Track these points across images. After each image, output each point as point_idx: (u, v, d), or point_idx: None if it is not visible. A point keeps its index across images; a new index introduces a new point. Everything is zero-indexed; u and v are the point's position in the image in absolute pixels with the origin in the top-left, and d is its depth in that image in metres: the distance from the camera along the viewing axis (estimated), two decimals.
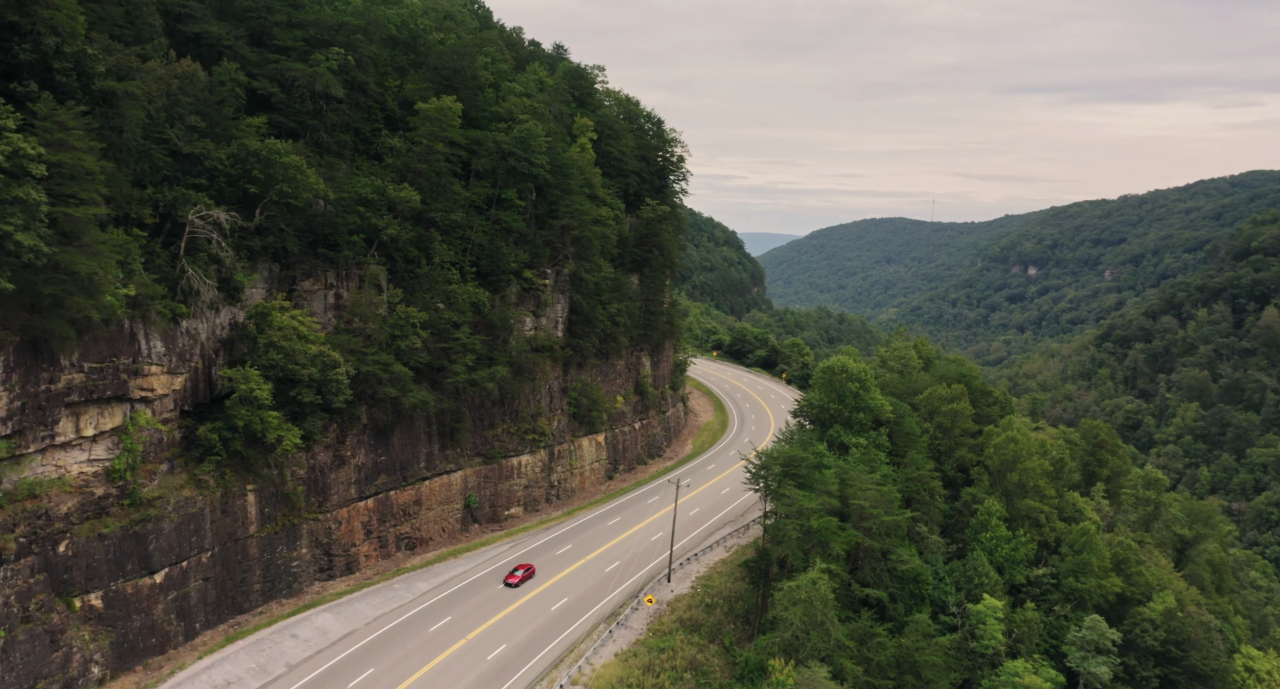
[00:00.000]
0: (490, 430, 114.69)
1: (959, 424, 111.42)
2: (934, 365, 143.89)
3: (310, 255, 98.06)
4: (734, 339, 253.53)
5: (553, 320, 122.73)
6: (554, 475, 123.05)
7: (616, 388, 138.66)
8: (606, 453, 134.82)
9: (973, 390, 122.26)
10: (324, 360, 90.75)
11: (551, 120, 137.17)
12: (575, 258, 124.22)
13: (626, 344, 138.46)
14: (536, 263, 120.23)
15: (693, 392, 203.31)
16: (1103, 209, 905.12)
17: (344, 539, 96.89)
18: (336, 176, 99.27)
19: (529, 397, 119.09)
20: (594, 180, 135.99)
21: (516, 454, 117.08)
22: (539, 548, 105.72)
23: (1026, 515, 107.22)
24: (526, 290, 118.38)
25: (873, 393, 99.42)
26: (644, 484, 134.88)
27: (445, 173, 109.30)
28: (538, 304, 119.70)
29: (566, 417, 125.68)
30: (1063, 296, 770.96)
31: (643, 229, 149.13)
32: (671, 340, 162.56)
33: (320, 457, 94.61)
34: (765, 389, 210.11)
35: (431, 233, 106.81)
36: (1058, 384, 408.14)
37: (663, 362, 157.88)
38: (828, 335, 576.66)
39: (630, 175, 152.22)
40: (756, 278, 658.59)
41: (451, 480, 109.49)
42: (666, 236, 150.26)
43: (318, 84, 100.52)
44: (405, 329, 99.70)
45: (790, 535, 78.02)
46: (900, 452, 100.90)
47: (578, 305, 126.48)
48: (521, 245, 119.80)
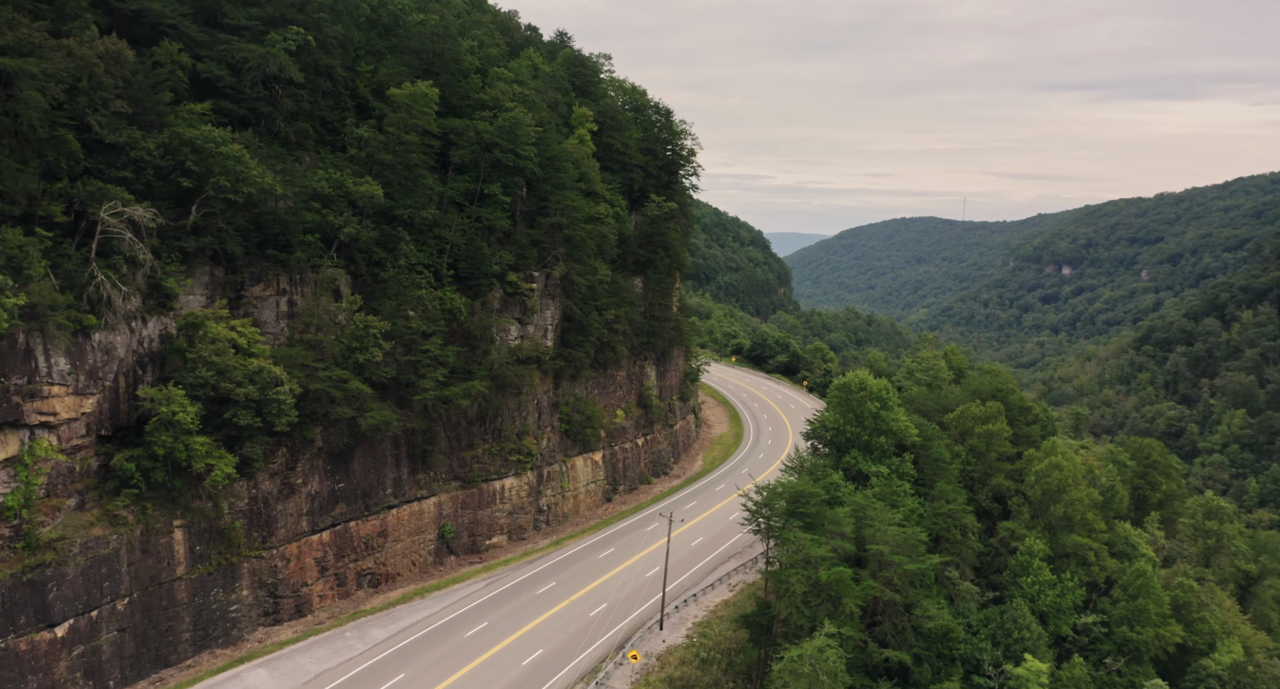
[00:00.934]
0: (469, 451, 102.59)
1: (995, 447, 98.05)
2: (966, 377, 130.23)
3: (259, 258, 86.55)
4: (754, 343, 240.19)
5: (541, 328, 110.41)
6: (543, 500, 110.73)
7: (616, 401, 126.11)
8: (604, 473, 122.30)
9: (1009, 406, 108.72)
10: (264, 377, 79.04)
11: (545, 109, 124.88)
12: (566, 259, 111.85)
13: (627, 353, 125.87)
14: (523, 265, 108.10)
15: (707, 401, 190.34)
16: (1139, 207, 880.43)
17: (293, 578, 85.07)
18: (287, 168, 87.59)
19: (513, 413, 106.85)
20: (592, 174, 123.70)
21: (499, 477, 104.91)
22: (518, 586, 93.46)
23: (1073, 553, 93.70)
24: (511, 296, 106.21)
25: (895, 413, 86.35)
26: (645, 507, 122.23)
27: (417, 165, 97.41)
28: (523, 311, 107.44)
29: (557, 434, 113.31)
30: (1098, 297, 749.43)
31: (647, 228, 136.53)
32: (680, 348, 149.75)
33: (265, 485, 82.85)
34: (785, 398, 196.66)
35: (399, 232, 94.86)
36: (1095, 389, 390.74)
37: (670, 371, 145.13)
38: (856, 337, 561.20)
39: (634, 170, 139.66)
40: (783, 278, 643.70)
41: (423, 508, 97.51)
42: (673, 235, 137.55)
43: (270, 66, 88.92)
44: (365, 340, 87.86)
45: (794, 589, 65.14)
46: (927, 481, 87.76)
47: (570, 312, 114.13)
48: (506, 246, 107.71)
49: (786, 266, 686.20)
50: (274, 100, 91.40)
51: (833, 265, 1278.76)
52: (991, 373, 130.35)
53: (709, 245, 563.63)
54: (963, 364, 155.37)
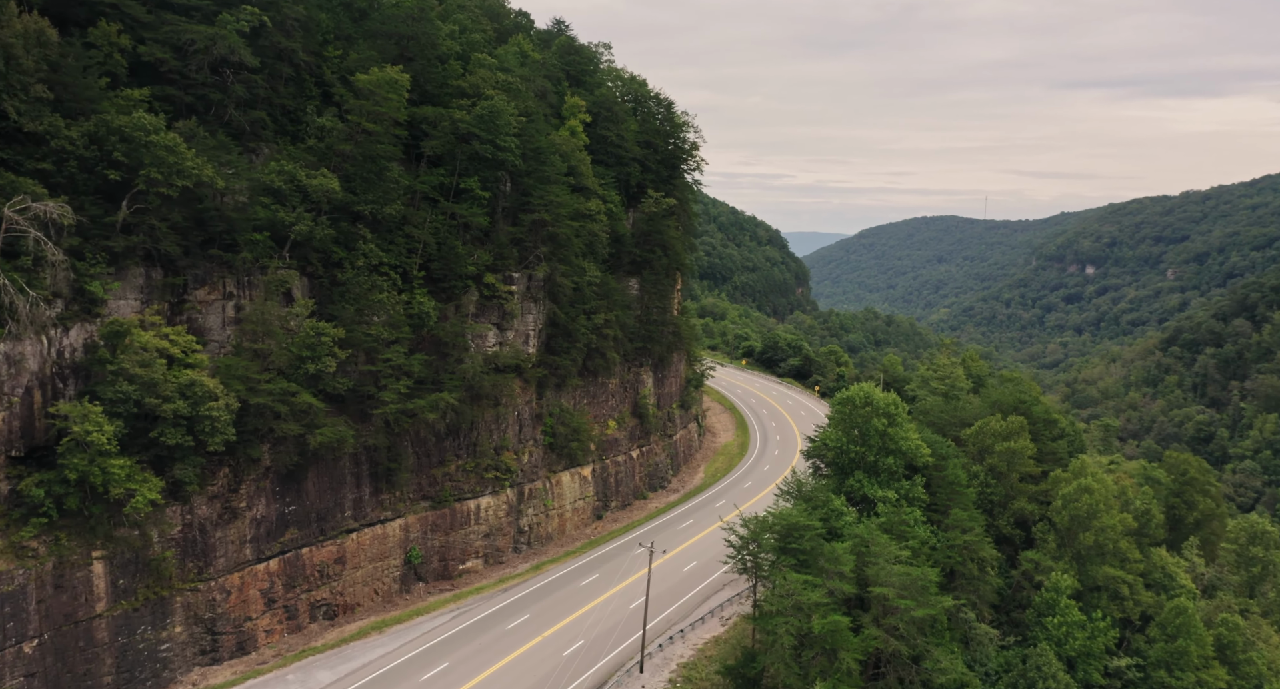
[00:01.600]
0: (440, 468, 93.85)
1: (1017, 467, 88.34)
2: (986, 387, 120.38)
3: (202, 258, 78.17)
4: (765, 346, 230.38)
5: (522, 334, 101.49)
6: (524, 520, 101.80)
7: (607, 411, 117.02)
8: (594, 489, 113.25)
9: (1034, 420, 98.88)
10: (196, 392, 70.53)
11: (532, 98, 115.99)
12: (550, 259, 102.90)
13: (619, 360, 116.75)
14: (502, 266, 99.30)
15: (712, 407, 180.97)
16: (1164, 205, 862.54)
17: (234, 612, 76.54)
18: (234, 160, 79.08)
19: (491, 426, 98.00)
20: (583, 168, 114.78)
21: (474, 496, 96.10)
22: (488, 618, 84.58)
23: (1104, 586, 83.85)
24: (488, 299, 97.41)
25: (905, 431, 76.88)
26: (638, 526, 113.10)
27: (381, 157, 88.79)
28: (502, 315, 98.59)
29: (541, 448, 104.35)
30: (1123, 296, 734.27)
31: (643, 225, 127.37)
32: (681, 353, 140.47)
33: (201, 510, 74.35)
34: (795, 404, 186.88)
35: (360, 229, 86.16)
36: (1120, 392, 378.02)
37: (670, 378, 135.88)
38: (874, 338, 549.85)
39: (631, 164, 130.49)
40: (801, 278, 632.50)
41: (387, 531, 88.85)
42: (672, 233, 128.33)
43: (219, 48, 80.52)
44: (318, 349, 79.19)
45: (782, 642, 55.85)
46: (941, 507, 78.28)
47: (555, 316, 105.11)
48: (484, 245, 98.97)
49: (804, 266, 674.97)
50: (224, 86, 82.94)
51: (853, 264, 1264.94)
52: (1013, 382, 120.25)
53: (725, 245, 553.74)
54: (982, 372, 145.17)
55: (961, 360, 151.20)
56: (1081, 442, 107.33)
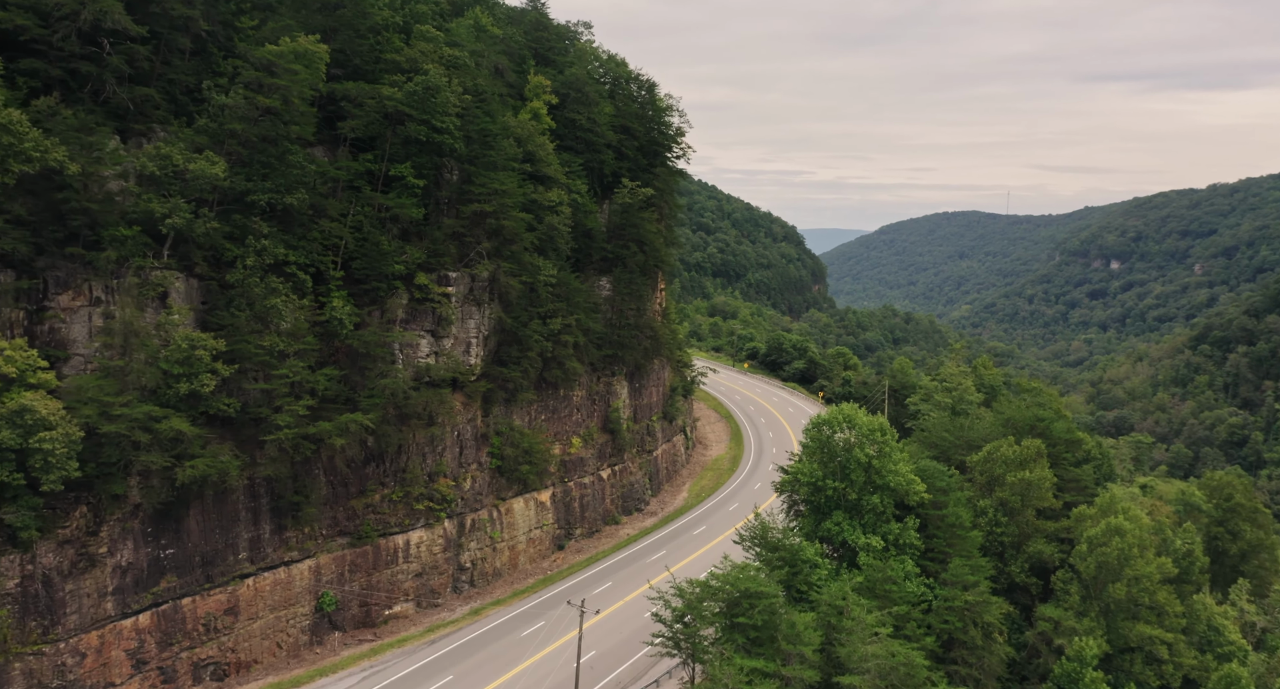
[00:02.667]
0: (360, 499, 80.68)
1: (1033, 500, 74.01)
2: (1000, 399, 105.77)
3: (61, 258, 65.44)
4: (769, 348, 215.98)
5: (463, 342, 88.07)
6: (465, 555, 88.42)
7: (571, 427, 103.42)
8: (554, 515, 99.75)
9: (1054, 440, 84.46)
10: (26, 419, 57.64)
11: (486, 76, 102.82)
12: (495, 256, 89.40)
13: (584, 369, 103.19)
14: (438, 264, 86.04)
15: (706, 416, 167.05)
16: (1190, 198, 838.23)
17: (91, 678, 63.68)
18: (97, 142, 66.22)
19: (423, 449, 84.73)
20: (543, 154, 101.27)
21: (403, 530, 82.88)
22: (404, 680, 71.18)
23: (1138, 647, 69.47)
24: (420, 302, 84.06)
25: (895, 462, 62.81)
26: (605, 557, 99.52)
27: (285, 139, 75.66)
28: (437, 321, 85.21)
29: (486, 473, 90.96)
30: (1148, 292, 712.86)
31: (617, 218, 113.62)
32: (663, 359, 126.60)
33: (46, 559, 61.48)
34: (796, 412, 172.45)
35: (255, 223, 72.96)
36: (1148, 392, 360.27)
37: (649, 387, 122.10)
38: (892, 336, 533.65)
39: (604, 150, 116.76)
40: (817, 275, 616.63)
41: (293, 574, 75.79)
42: (650, 227, 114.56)
43: (86, 12, 67.87)
44: (194, 364, 66.03)
45: None
46: (939, 554, 64.24)
47: (504, 321, 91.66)
48: (417, 240, 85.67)
49: (821, 263, 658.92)
50: (100, 59, 70.04)
51: (873, 261, 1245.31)
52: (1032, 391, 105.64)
53: (739, 242, 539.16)
54: (995, 380, 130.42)
55: (973, 368, 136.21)
56: (1110, 467, 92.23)
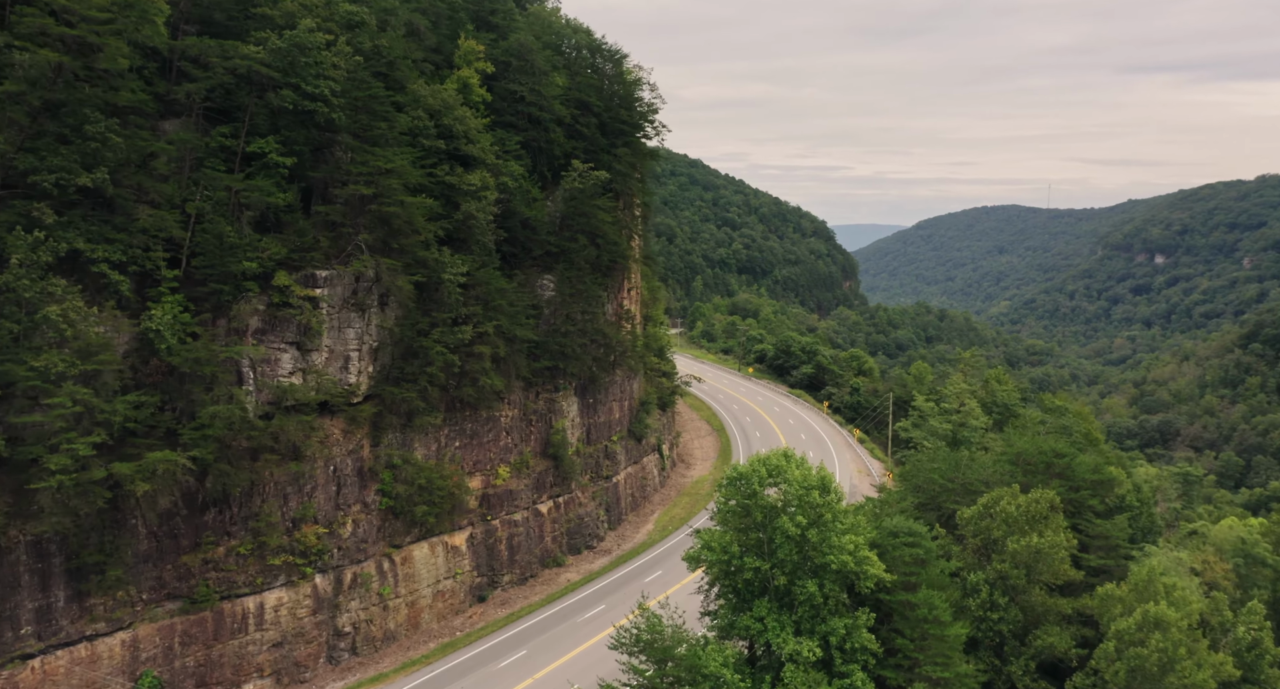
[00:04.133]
0: (196, 554, 63.64)
1: (1043, 574, 54.78)
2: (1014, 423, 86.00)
3: None
4: (777, 351, 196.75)
5: (339, 357, 70.74)
6: (344, 617, 71.10)
7: (497, 455, 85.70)
8: (471, 561, 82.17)
9: (1076, 482, 65.06)
10: None
11: (398, 38, 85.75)
12: (380, 250, 71.97)
13: (508, 385, 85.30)
14: (305, 261, 68.72)
15: (696, 428, 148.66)
16: (1238, 190, 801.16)
17: None
18: None
19: (283, 490, 67.51)
20: (462, 129, 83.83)
21: (255, 590, 65.78)
22: None
23: None
24: (280, 307, 66.76)
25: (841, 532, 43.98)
26: (535, 611, 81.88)
27: (87, 104, 58.93)
28: (302, 331, 67.86)
29: (375, 515, 73.56)
30: (1195, 287, 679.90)
31: (563, 206, 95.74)
32: (628, 369, 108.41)
33: None
34: (798, 424, 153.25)
35: (39, 209, 56.17)
36: (1195, 394, 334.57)
37: (608, 402, 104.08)
38: (925, 334, 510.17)
39: (552, 127, 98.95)
40: (848, 271, 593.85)
41: (98, 651, 58.96)
42: (603, 217, 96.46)
43: None
44: None
45: None
46: (906, 660, 45.28)
47: (399, 331, 74.26)
48: (280, 232, 68.55)
49: (852, 258, 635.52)
50: None
51: (910, 257, 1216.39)
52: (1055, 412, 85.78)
53: (766, 237, 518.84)
54: (1010, 398, 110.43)
55: (984, 382, 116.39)
56: (1149, 515, 72.03)
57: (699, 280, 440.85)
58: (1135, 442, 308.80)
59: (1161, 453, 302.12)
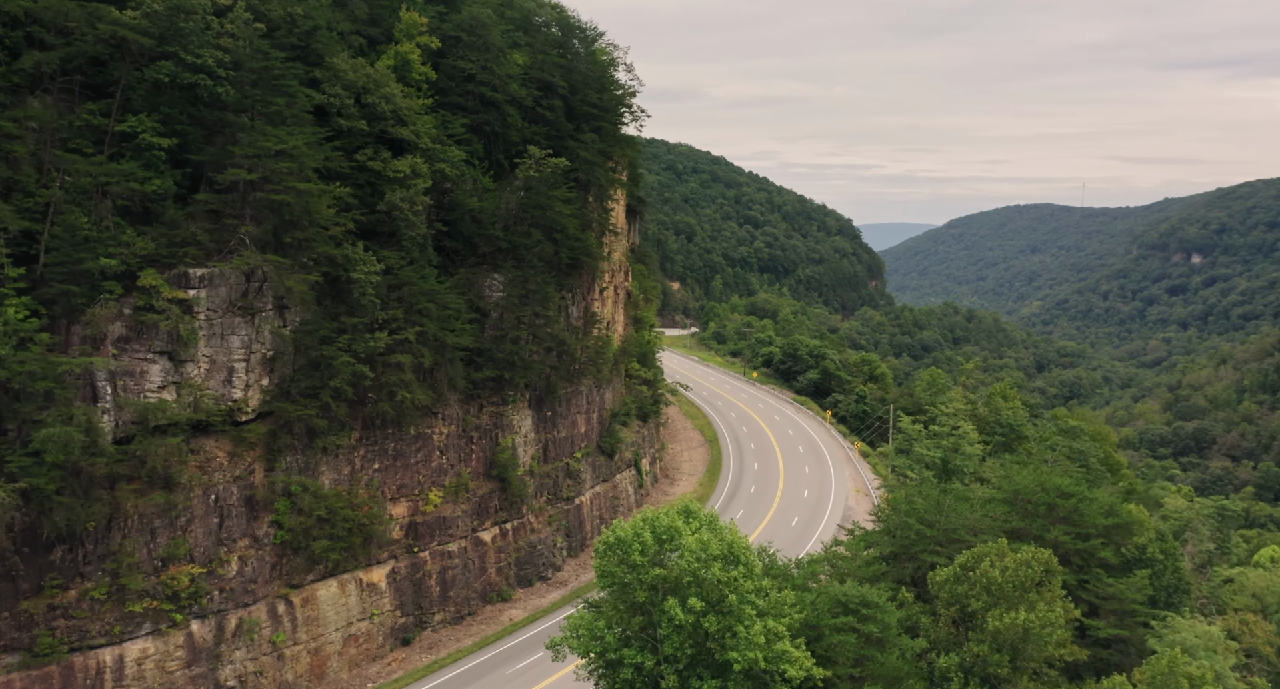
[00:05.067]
0: (40, 598, 53.79)
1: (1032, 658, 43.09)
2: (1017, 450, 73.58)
3: None
4: (784, 355, 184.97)
5: (222, 368, 60.55)
6: (228, 669, 60.90)
7: (427, 477, 75.22)
8: (393, 600, 71.76)
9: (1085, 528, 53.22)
10: None
11: (323, 6, 75.61)
12: (272, 246, 61.73)
13: (436, 400, 74.76)
14: (177, 257, 58.61)
15: (689, 439, 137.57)
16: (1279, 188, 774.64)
17: None
18: None
19: (149, 524, 57.47)
20: (386, 108, 73.46)
21: (113, 640, 55.87)
22: None
23: None
24: (145, 311, 56.69)
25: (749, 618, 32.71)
26: (465, 657, 71.40)
27: None
28: (174, 340, 57.73)
29: (268, 550, 63.38)
30: (1233, 287, 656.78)
31: (515, 197, 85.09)
32: (595, 379, 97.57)
33: None
34: (798, 436, 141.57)
35: None
36: (1232, 400, 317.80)
37: (570, 415, 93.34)
38: (952, 335, 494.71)
39: (507, 109, 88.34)
40: (874, 270, 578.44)
41: None
42: (561, 209, 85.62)
43: None
44: None
45: None
46: None
47: (298, 338, 63.98)
48: (150, 224, 58.61)
49: (879, 258, 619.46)
50: None
51: (941, 256, 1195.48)
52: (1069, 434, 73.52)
53: (789, 235, 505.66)
54: (1017, 417, 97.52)
55: (987, 397, 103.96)
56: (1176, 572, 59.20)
57: (718, 279, 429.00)
58: (1169, 450, 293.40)
59: (1196, 462, 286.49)
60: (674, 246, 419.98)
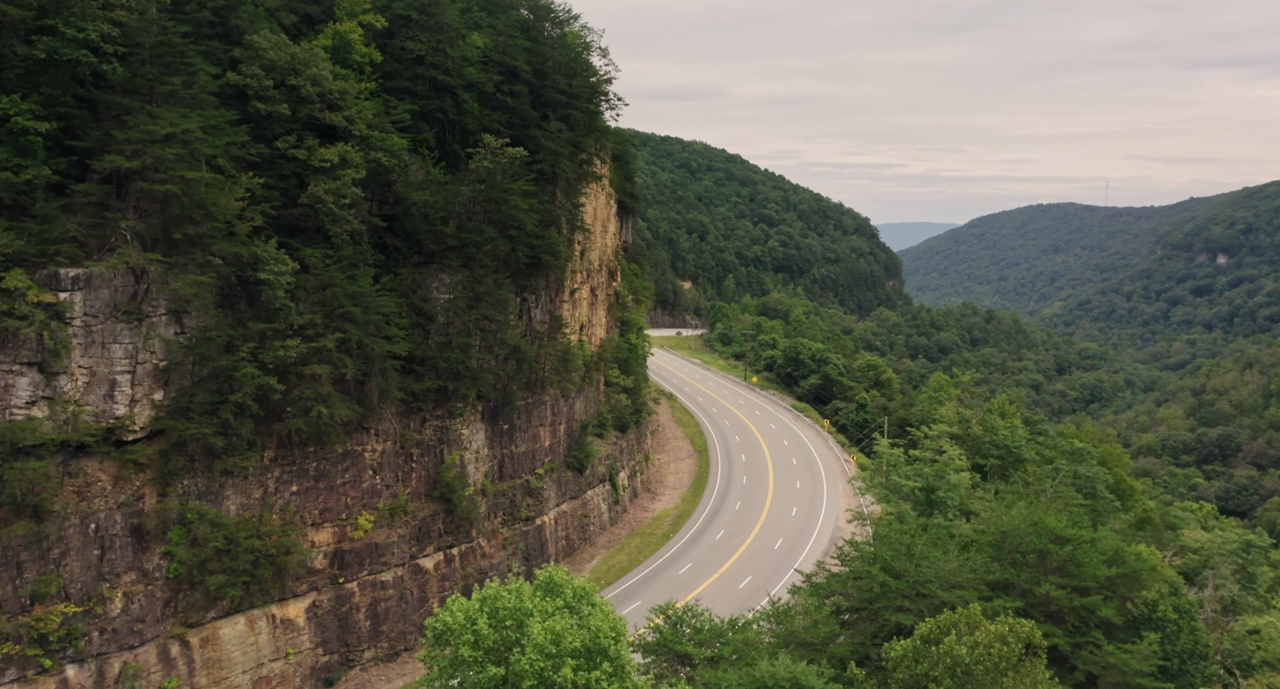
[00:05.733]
0: None
1: None
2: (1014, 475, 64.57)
3: None
4: (786, 358, 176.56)
5: (103, 381, 53.27)
6: None
7: (357, 499, 67.79)
8: (313, 637, 64.32)
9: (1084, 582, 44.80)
10: None
11: None
12: (163, 242, 54.38)
13: (366, 414, 67.25)
14: (49, 255, 51.41)
15: (678, 449, 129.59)
16: None
17: None
18: None
19: (15, 557, 50.23)
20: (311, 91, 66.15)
21: None
22: None
23: None
24: (5, 317, 49.45)
25: None
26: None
27: None
28: (43, 350, 50.52)
29: (161, 584, 56.13)
30: (1259, 289, 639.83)
31: (469, 191, 77.59)
32: (561, 388, 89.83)
33: None
34: (793, 446, 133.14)
35: None
36: (1258, 405, 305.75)
37: (532, 428, 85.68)
38: (970, 337, 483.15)
39: (463, 95, 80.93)
40: (892, 270, 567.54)
41: None
42: (518, 203, 77.89)
43: None
44: None
45: None
46: None
47: (193, 346, 56.62)
48: (23, 219, 51.43)
49: (896, 257, 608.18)
50: None
51: (962, 256, 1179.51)
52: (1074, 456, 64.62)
53: (804, 235, 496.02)
54: (1015, 439, 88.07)
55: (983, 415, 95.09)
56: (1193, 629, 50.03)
57: (730, 279, 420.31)
58: (1192, 457, 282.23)
59: (1220, 470, 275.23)
60: (685, 245, 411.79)
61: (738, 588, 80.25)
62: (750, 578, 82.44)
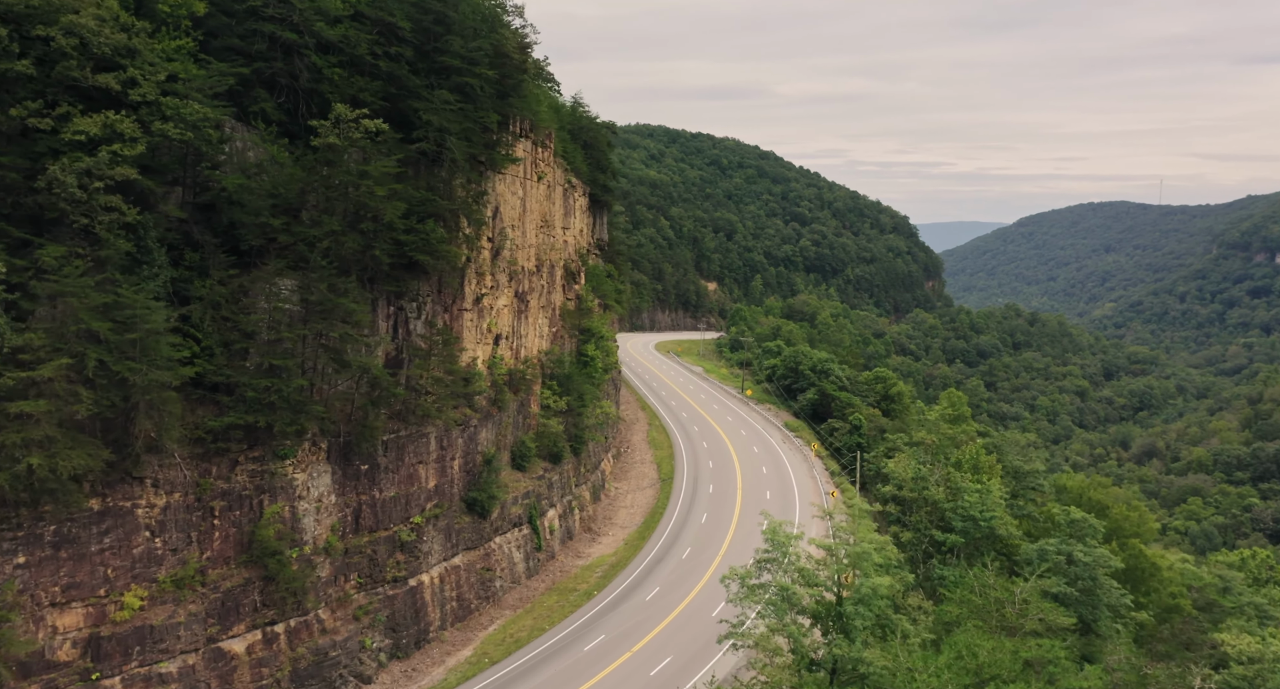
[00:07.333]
0: None
1: None
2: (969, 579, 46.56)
3: None
4: (786, 369, 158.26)
5: None
6: None
7: (123, 570, 51.78)
8: None
9: None
10: None
11: None
12: None
13: (111, 462, 51.17)
14: None
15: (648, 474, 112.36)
16: None
17: None
18: None
19: None
20: (71, 43, 50.42)
21: None
22: None
23: None
24: None
25: None
26: None
27: None
28: None
29: None
30: None
31: (305, 175, 61.39)
32: (452, 417, 73.09)
33: None
34: (773, 473, 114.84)
35: None
36: None
37: (408, 466, 69.14)
38: (1012, 340, 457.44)
39: (314, 56, 64.80)
40: (931, 270, 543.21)
41: None
42: (369, 188, 61.44)
43: None
44: None
45: None
46: None
47: None
48: None
49: (936, 257, 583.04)
50: None
51: (1010, 256, 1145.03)
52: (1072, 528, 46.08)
53: (838, 234, 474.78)
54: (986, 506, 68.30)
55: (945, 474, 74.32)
56: None
57: (758, 279, 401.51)
58: (1247, 474, 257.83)
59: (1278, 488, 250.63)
60: (710, 245, 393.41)
61: (649, 675, 63.01)
62: (669, 660, 65.15)
